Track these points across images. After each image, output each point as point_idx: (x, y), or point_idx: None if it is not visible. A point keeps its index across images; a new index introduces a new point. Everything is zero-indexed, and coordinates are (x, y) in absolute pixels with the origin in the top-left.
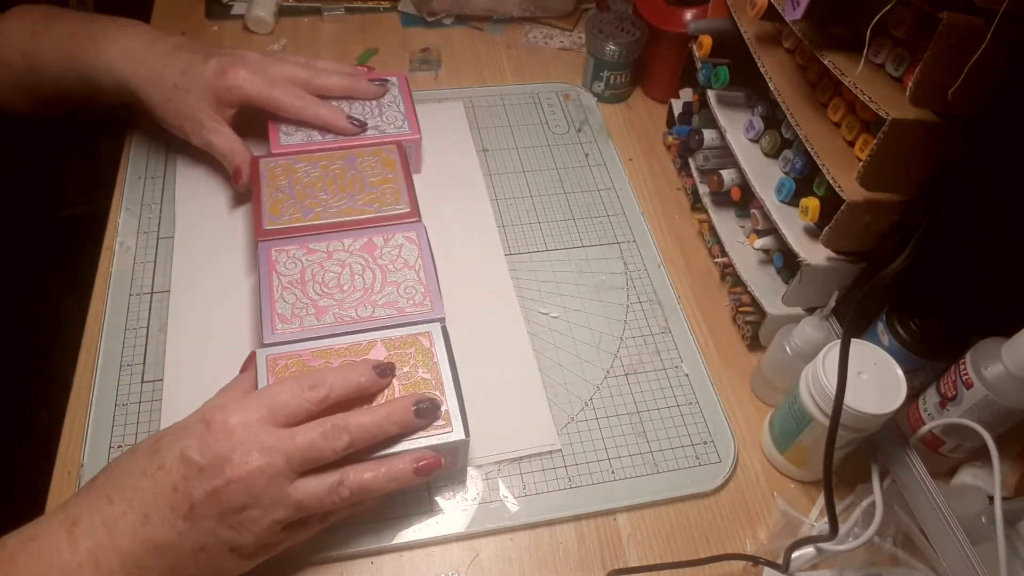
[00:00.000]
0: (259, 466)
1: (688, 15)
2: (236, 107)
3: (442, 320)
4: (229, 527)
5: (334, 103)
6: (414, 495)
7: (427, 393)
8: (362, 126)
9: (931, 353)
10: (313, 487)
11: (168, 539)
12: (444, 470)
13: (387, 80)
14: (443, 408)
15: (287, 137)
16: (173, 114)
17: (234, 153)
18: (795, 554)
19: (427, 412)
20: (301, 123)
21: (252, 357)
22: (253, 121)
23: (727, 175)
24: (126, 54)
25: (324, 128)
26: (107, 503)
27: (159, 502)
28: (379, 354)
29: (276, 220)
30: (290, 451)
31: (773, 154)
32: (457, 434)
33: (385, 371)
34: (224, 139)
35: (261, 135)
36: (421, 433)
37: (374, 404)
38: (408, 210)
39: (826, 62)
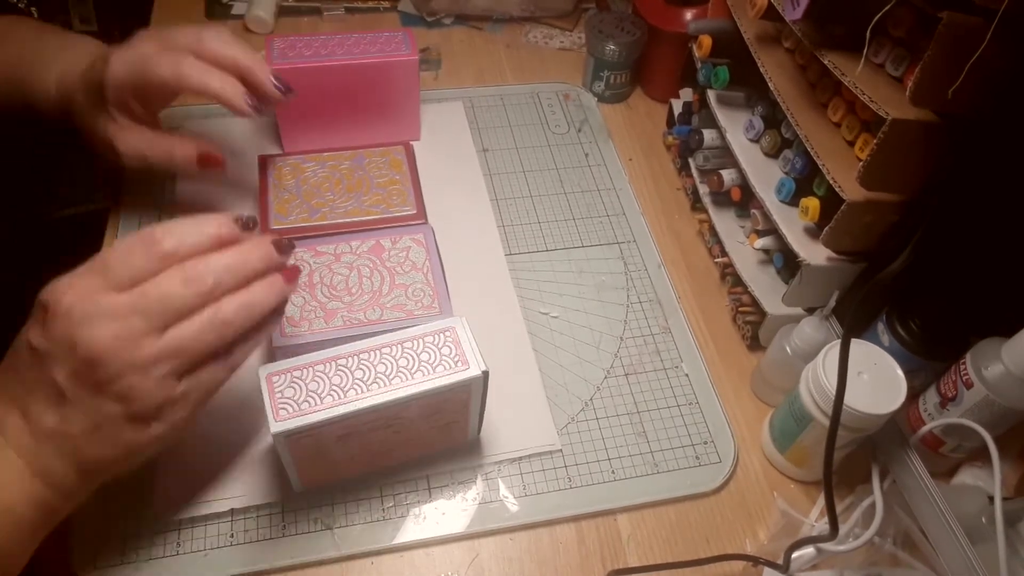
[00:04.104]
0: (112, 334)
1: (688, 15)
2: (125, 99)
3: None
4: (112, 399)
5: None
6: (415, 494)
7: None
8: (259, 109)
9: (931, 353)
10: (184, 329)
11: (55, 427)
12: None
13: (290, 90)
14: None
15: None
16: (90, 138)
17: (148, 147)
18: (795, 554)
19: (286, 246)
20: (184, 93)
21: None
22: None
23: (727, 175)
24: (58, 81)
25: (218, 101)
26: None
27: (31, 395)
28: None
29: (283, 220)
30: (144, 307)
31: (773, 154)
32: (474, 371)
33: (248, 224)
34: (128, 138)
35: None
36: (441, 371)
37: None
38: (414, 212)
39: (826, 62)
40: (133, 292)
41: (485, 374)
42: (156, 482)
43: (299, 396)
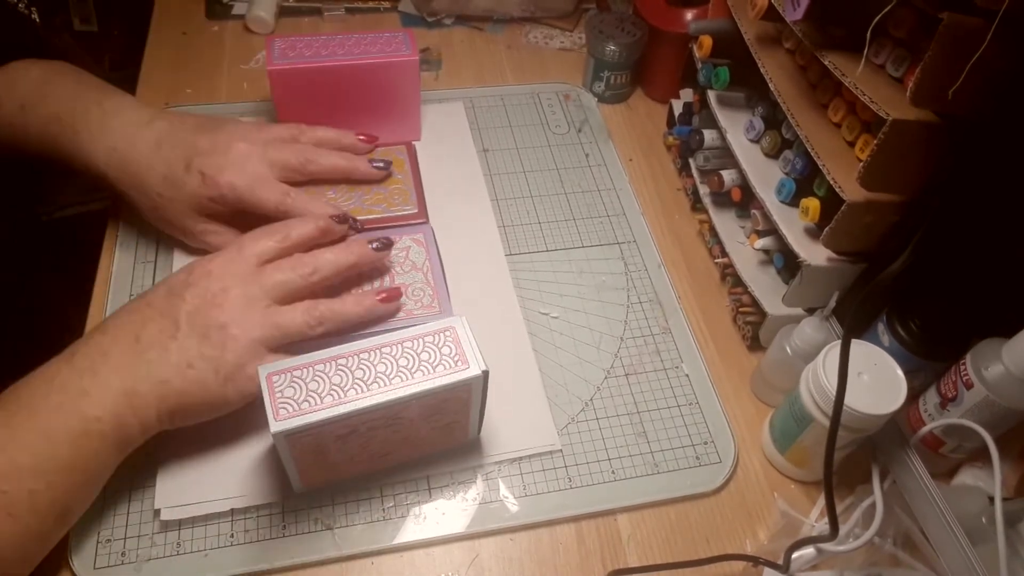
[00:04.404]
0: (237, 293)
1: (688, 15)
2: (224, 211)
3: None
4: (212, 345)
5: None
6: (415, 494)
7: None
8: (354, 227)
9: (931, 354)
10: (286, 310)
11: (159, 355)
12: (456, 443)
13: (388, 162)
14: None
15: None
16: (158, 220)
17: None
18: (795, 554)
19: (381, 246)
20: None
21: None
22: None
23: (727, 175)
24: (108, 154)
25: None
26: (100, 335)
27: (148, 326)
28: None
29: None
30: (263, 280)
31: (773, 154)
32: (474, 370)
33: (344, 218)
34: (221, 238)
35: None
36: (442, 371)
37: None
38: (416, 211)
39: (826, 62)
40: (257, 269)
41: (485, 373)
42: (156, 482)
43: (299, 396)
